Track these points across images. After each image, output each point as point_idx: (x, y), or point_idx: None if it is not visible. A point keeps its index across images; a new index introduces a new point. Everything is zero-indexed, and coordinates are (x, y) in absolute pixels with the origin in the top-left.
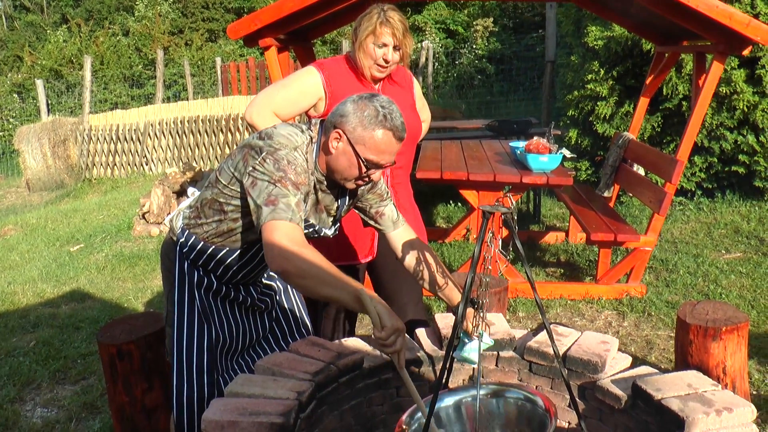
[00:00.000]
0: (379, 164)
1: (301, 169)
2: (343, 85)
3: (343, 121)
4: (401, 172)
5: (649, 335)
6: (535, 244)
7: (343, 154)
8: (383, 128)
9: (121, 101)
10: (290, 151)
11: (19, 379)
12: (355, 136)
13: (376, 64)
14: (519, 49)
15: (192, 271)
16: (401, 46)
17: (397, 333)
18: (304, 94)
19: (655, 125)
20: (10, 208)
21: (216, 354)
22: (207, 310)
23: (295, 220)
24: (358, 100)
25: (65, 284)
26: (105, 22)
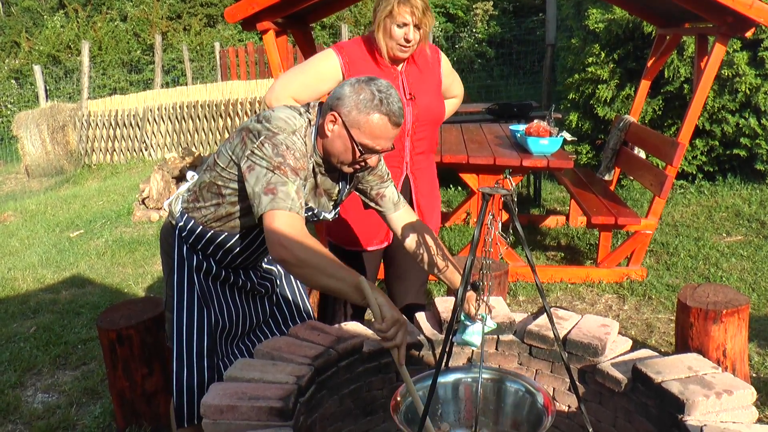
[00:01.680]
0: (374, 149)
1: (300, 154)
2: (362, 67)
3: (339, 103)
4: (422, 157)
5: (649, 318)
6: (536, 228)
7: (339, 138)
8: (379, 113)
9: (120, 87)
10: (289, 135)
11: (19, 365)
12: (350, 119)
13: (398, 45)
14: (519, 33)
15: (191, 255)
16: (421, 24)
17: (397, 325)
18: (323, 78)
19: (657, 108)
20: (10, 194)
21: (216, 338)
22: (206, 295)
23: (294, 209)
24: (355, 83)
25: (65, 270)
26: (103, 8)
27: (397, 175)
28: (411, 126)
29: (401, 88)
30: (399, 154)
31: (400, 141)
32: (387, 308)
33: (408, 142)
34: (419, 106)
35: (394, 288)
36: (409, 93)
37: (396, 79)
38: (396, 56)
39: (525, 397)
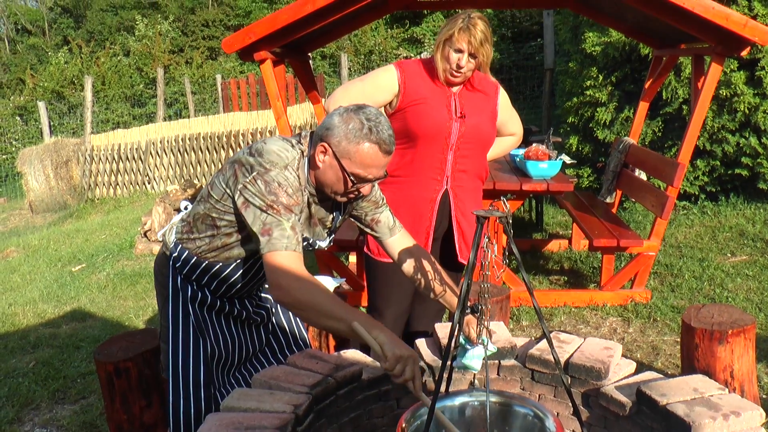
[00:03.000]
0: (366, 178)
1: (293, 189)
2: (418, 84)
3: (329, 134)
4: (465, 176)
5: (655, 341)
6: (538, 252)
7: (330, 168)
8: (369, 141)
9: (123, 121)
10: (281, 171)
11: (17, 400)
12: (340, 149)
13: (451, 69)
14: (518, 59)
15: (185, 285)
16: (477, 54)
17: (402, 361)
18: (380, 88)
19: (656, 130)
20: (13, 230)
21: (212, 368)
22: (201, 325)
23: (291, 247)
24: (344, 112)
25: (66, 304)
26: (106, 43)
27: (437, 188)
28: (456, 141)
29: (453, 107)
30: (441, 166)
31: (443, 154)
32: (388, 346)
33: (450, 156)
34: (467, 125)
35: (415, 309)
36: (460, 112)
37: (449, 98)
38: (447, 79)
39: (534, 421)
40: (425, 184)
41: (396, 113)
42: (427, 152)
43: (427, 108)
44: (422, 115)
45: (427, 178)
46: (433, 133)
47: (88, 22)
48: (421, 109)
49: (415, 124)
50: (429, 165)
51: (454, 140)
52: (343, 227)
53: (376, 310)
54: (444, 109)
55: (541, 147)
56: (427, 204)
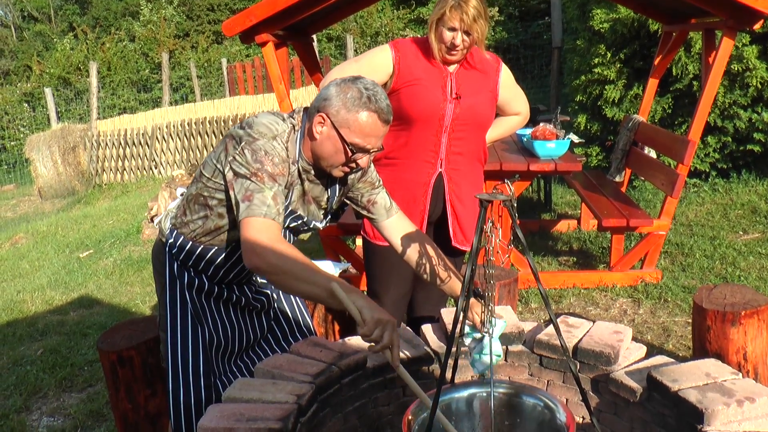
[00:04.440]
0: (364, 148)
1: (279, 159)
2: (413, 63)
3: (327, 104)
4: (460, 158)
5: (665, 322)
6: (547, 233)
7: (328, 139)
8: (367, 110)
9: (130, 106)
10: (268, 140)
11: (25, 389)
12: (339, 119)
13: (446, 48)
14: (526, 38)
15: (182, 272)
16: (471, 31)
17: (381, 326)
18: (374, 69)
19: (666, 107)
20: (23, 216)
21: (211, 356)
22: (200, 312)
23: (270, 215)
24: (341, 83)
25: (74, 291)
26: (111, 29)
27: (430, 172)
28: (450, 123)
29: (448, 88)
30: (434, 149)
31: (437, 136)
32: (367, 310)
33: (445, 138)
34: (462, 106)
35: (416, 295)
36: (456, 93)
37: (445, 78)
38: (445, 59)
39: (544, 412)
40: (419, 167)
41: (391, 94)
42: (420, 134)
43: (421, 89)
44: (415, 96)
45: (420, 161)
46: (426, 114)
47: (93, 9)
48: (414, 90)
49: (408, 106)
50: (423, 147)
51: (448, 122)
52: (349, 211)
53: (375, 295)
54: (438, 90)
55: (548, 126)
56: (421, 187)
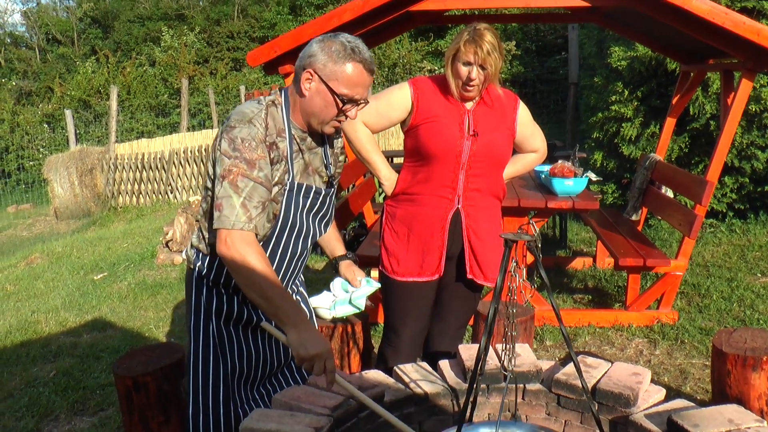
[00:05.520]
0: (353, 98)
1: (257, 142)
2: (431, 100)
3: (312, 60)
4: (478, 195)
5: (682, 364)
6: (562, 270)
7: (317, 94)
8: (353, 61)
9: (148, 130)
10: (245, 125)
11: (37, 411)
12: (327, 72)
13: (462, 83)
14: (542, 72)
15: (211, 297)
16: (486, 65)
17: (309, 361)
18: (393, 106)
19: (683, 146)
20: (38, 236)
21: (232, 385)
22: (225, 342)
23: (238, 225)
24: (321, 39)
25: (87, 313)
26: (132, 53)
27: (448, 208)
28: (467, 160)
29: (466, 125)
30: (452, 185)
31: (454, 173)
32: (295, 348)
33: (462, 175)
34: (479, 143)
35: (432, 331)
36: (473, 130)
37: (462, 116)
38: (462, 95)
39: None
40: (437, 202)
41: (409, 130)
42: (438, 171)
43: (439, 126)
44: (434, 132)
45: (438, 196)
46: (444, 151)
47: (115, 33)
48: (432, 127)
49: (427, 141)
50: (441, 183)
51: (465, 159)
52: (366, 243)
53: (393, 329)
54: (456, 127)
55: (566, 164)
56: (439, 222)
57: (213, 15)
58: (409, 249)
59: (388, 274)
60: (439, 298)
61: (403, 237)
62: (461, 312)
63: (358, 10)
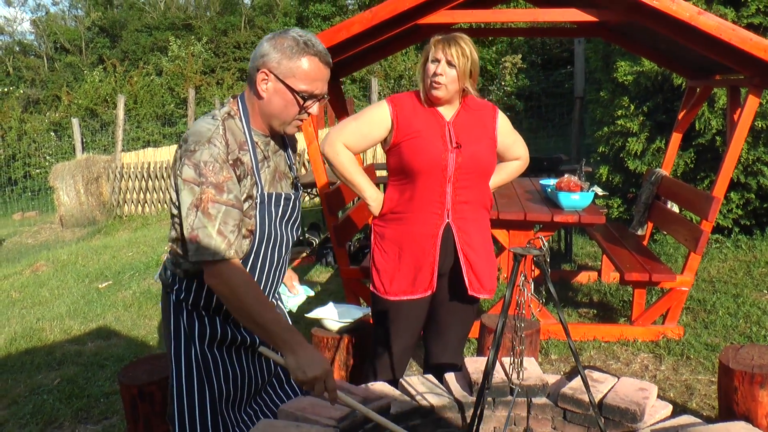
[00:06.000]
0: (313, 93)
1: (220, 164)
2: (411, 116)
3: (266, 59)
4: (467, 207)
5: (688, 380)
6: (567, 284)
7: (276, 94)
8: (308, 55)
9: (154, 139)
10: (204, 148)
11: (41, 418)
12: (282, 70)
13: (431, 81)
14: (548, 86)
15: (192, 321)
16: (455, 62)
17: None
18: (374, 125)
19: (688, 161)
20: (44, 243)
21: (220, 411)
22: (209, 366)
23: (219, 255)
24: (271, 38)
25: (92, 321)
26: (139, 63)
27: (438, 223)
28: (453, 173)
29: (448, 137)
30: (440, 200)
31: (441, 187)
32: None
33: (450, 188)
34: (464, 155)
35: (432, 345)
36: (456, 142)
37: (443, 128)
38: (432, 96)
39: None
40: (426, 219)
41: (391, 149)
42: (425, 186)
43: (421, 141)
44: (417, 149)
45: (427, 213)
46: (429, 166)
47: (123, 42)
48: (415, 143)
49: (410, 159)
50: (429, 199)
51: (451, 172)
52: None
53: (384, 346)
54: (438, 141)
55: (573, 178)
56: (430, 239)
57: (220, 25)
58: (401, 268)
59: (380, 295)
60: (436, 316)
61: (394, 256)
62: (460, 327)
63: (367, 22)
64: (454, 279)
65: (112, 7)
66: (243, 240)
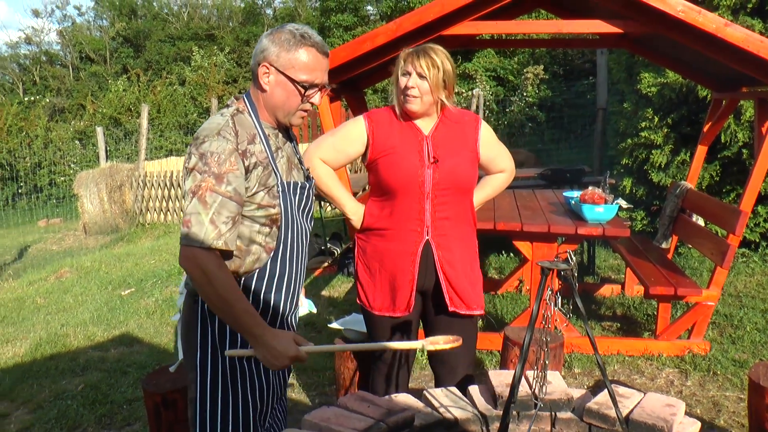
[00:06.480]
0: (314, 83)
1: (226, 155)
2: (387, 131)
3: (265, 54)
4: (447, 223)
5: (716, 396)
6: (590, 297)
7: (277, 86)
8: (305, 46)
9: (176, 149)
10: (213, 140)
11: (66, 423)
12: (282, 62)
13: (403, 94)
14: (570, 96)
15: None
16: (425, 75)
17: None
18: (350, 141)
19: (714, 174)
20: (68, 250)
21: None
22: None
23: (207, 243)
24: (269, 33)
25: (115, 328)
26: (163, 72)
27: (417, 240)
28: (431, 189)
29: (425, 152)
30: (419, 216)
31: (420, 203)
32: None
33: (428, 205)
34: (441, 170)
35: (438, 368)
36: (433, 157)
37: (420, 143)
38: (407, 109)
39: None
40: (405, 236)
41: (369, 165)
42: (403, 203)
43: (397, 158)
44: (392, 165)
45: (406, 230)
46: (405, 182)
47: (146, 52)
48: (391, 160)
49: (386, 176)
50: (407, 216)
51: (428, 188)
52: None
53: (378, 358)
54: (415, 156)
55: (597, 190)
56: (408, 257)
57: (242, 35)
58: (381, 285)
59: (365, 308)
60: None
61: (375, 272)
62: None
63: (392, 34)
64: (439, 297)
65: (136, 18)
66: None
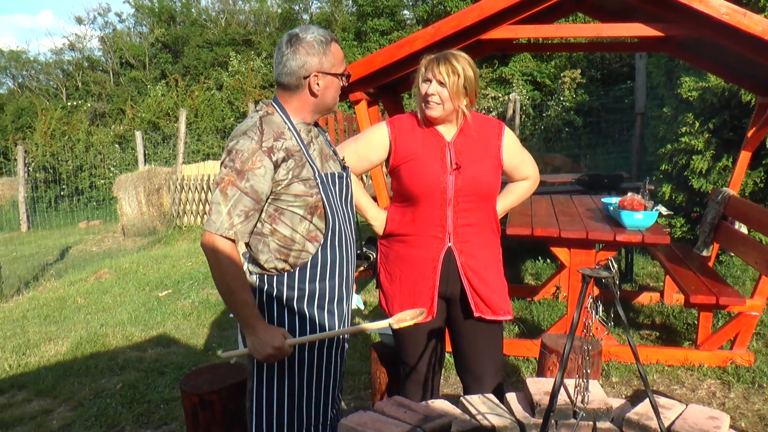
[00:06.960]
0: (344, 73)
1: (249, 153)
2: (409, 137)
3: (308, 67)
4: (470, 230)
5: (761, 410)
6: (628, 305)
7: (327, 88)
8: (331, 44)
9: (213, 152)
10: (240, 139)
11: (105, 421)
12: (327, 65)
13: (424, 101)
14: (607, 101)
15: (281, 318)
16: (445, 82)
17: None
18: (372, 146)
19: (758, 180)
20: (107, 252)
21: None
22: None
23: (221, 231)
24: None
25: (152, 329)
26: (200, 77)
27: (439, 247)
28: (453, 196)
29: (447, 158)
30: (441, 223)
31: (441, 210)
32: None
33: (450, 212)
34: (463, 177)
35: (465, 377)
36: (455, 163)
37: (443, 149)
38: (427, 116)
39: None
40: (426, 242)
41: (391, 171)
42: (425, 209)
43: (419, 164)
44: (414, 171)
45: (428, 236)
46: (427, 189)
47: (185, 58)
48: (412, 166)
49: (408, 182)
50: (429, 222)
51: (451, 195)
52: None
53: (405, 365)
54: (437, 163)
55: (636, 196)
56: (429, 263)
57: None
58: (402, 292)
59: (386, 315)
60: (459, 349)
61: (396, 279)
62: (487, 356)
63: (430, 38)
64: (465, 304)
65: (175, 24)
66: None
